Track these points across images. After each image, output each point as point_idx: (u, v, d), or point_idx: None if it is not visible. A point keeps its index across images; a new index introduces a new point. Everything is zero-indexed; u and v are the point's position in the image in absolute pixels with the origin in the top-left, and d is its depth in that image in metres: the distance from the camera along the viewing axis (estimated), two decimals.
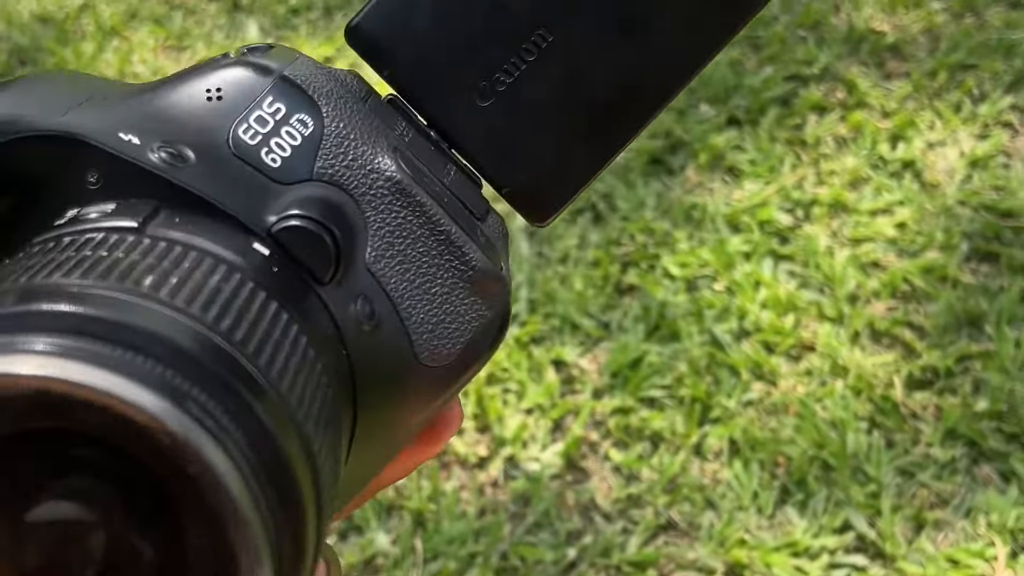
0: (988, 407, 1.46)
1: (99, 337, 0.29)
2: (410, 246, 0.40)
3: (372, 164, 0.39)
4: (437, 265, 0.40)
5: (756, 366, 1.53)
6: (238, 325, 0.32)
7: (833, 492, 1.41)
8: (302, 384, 0.33)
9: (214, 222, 0.36)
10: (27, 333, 0.28)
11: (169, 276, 0.32)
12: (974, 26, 1.90)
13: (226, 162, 0.38)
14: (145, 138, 0.37)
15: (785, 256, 1.65)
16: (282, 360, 0.32)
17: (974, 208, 1.67)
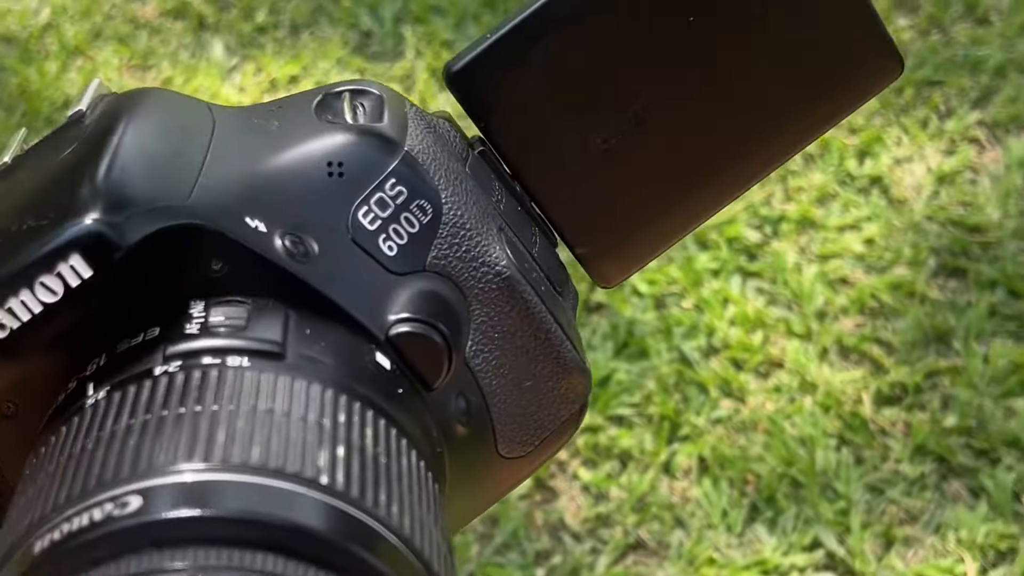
0: (957, 423, 1.45)
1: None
2: (508, 341, 0.38)
3: (484, 257, 0.38)
4: (533, 361, 0.39)
5: (725, 383, 1.53)
6: (387, 495, 0.30)
7: (802, 509, 1.40)
8: (431, 526, 0.31)
9: (337, 328, 0.35)
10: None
11: (329, 446, 0.30)
12: (940, 43, 1.91)
13: (346, 249, 0.36)
14: (270, 224, 0.35)
15: (753, 273, 1.64)
16: (411, 504, 0.31)
17: (941, 224, 1.67)
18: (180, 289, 0.34)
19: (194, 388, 0.31)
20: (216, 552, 0.27)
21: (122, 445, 0.29)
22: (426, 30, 1.99)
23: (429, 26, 1.99)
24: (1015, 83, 1.83)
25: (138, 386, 0.32)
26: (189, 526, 0.27)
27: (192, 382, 0.31)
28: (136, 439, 0.30)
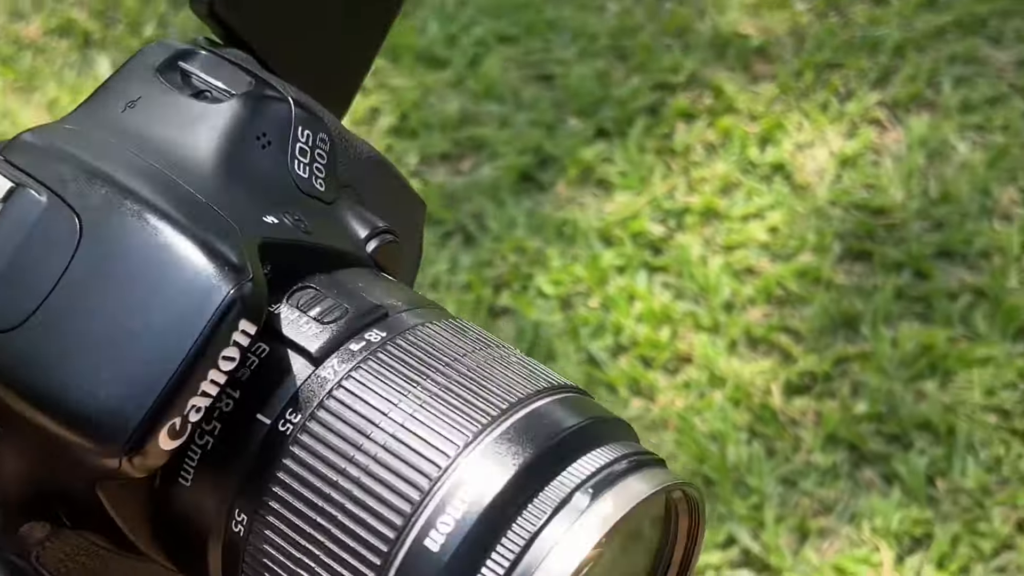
0: (867, 409, 1.44)
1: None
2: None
3: (358, 149, 0.42)
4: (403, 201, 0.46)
5: (634, 382, 1.50)
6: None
7: (716, 507, 1.38)
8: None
9: (354, 269, 0.40)
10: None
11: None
12: (838, 24, 1.89)
13: (306, 202, 0.40)
14: (275, 213, 0.39)
15: (659, 267, 1.62)
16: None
17: (845, 208, 1.65)
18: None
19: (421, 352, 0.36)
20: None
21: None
22: None
23: None
24: (914, 62, 1.82)
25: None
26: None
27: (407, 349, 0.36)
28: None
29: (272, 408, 0.36)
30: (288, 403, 0.36)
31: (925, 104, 1.78)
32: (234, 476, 0.35)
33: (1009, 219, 1.63)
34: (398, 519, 0.33)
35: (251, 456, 0.35)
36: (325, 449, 0.35)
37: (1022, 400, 1.44)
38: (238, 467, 0.36)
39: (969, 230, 1.60)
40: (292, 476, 0.35)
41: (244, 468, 0.35)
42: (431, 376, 0.36)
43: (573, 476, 0.34)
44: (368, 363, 0.36)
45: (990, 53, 1.84)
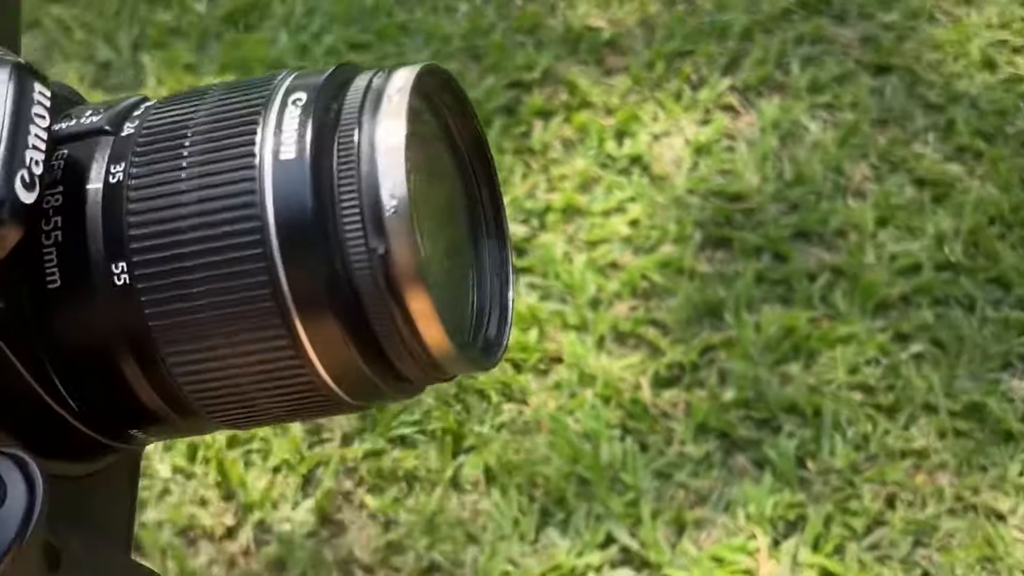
0: (735, 396, 1.45)
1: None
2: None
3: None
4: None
5: (505, 387, 1.49)
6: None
7: (592, 506, 1.38)
8: None
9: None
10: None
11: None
12: (686, 12, 1.91)
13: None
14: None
15: (524, 268, 1.61)
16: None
17: (703, 195, 1.66)
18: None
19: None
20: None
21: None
22: (166, 55, 1.91)
23: (169, 50, 1.91)
24: (762, 44, 1.84)
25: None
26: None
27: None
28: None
29: (98, 171, 0.38)
30: (109, 160, 0.38)
31: (775, 86, 1.80)
32: (95, 245, 0.37)
33: (862, 196, 1.65)
34: (248, 151, 0.36)
35: (98, 218, 0.37)
36: (157, 154, 0.37)
37: (885, 376, 1.47)
38: (93, 237, 0.37)
39: (824, 209, 1.63)
40: (142, 201, 0.37)
41: (99, 234, 0.37)
42: (207, 94, 0.39)
43: (362, 78, 0.38)
44: (153, 111, 0.39)
45: (836, 31, 1.87)
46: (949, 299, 1.53)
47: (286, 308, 0.36)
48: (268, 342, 0.37)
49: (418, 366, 0.38)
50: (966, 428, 1.42)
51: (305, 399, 0.38)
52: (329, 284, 0.36)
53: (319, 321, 0.36)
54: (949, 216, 1.61)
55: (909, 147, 1.70)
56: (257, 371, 0.37)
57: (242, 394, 0.38)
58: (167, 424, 0.40)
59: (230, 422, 0.40)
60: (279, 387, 0.38)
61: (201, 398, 0.38)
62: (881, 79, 1.79)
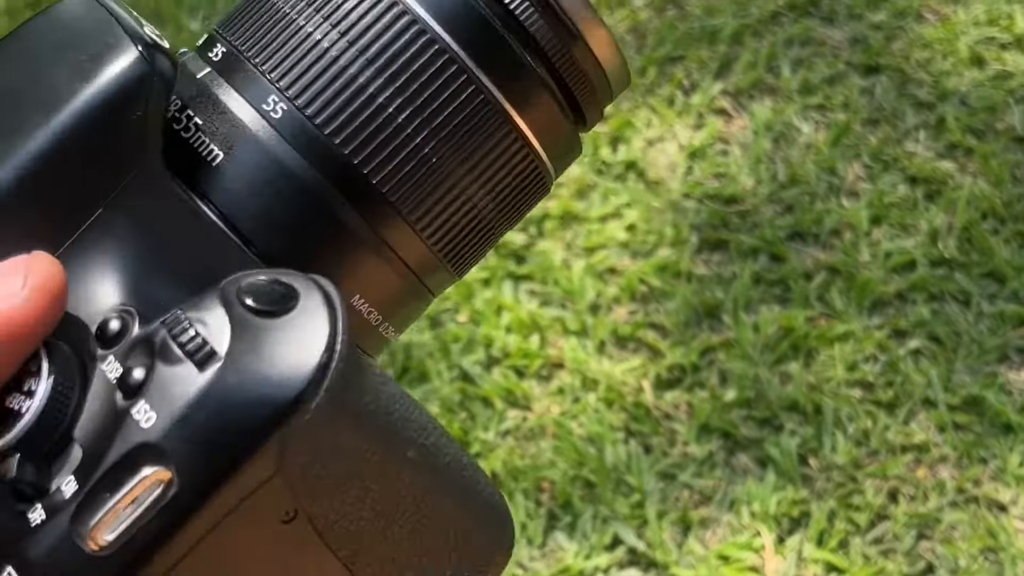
0: (736, 396, 1.47)
1: None
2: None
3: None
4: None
5: (508, 393, 1.51)
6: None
7: (599, 509, 1.40)
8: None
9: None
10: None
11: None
12: (677, 18, 1.93)
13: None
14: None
15: (523, 276, 1.63)
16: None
17: (698, 199, 1.68)
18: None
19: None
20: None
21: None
22: None
23: None
24: (752, 48, 1.86)
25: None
26: None
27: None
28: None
29: (200, 65, 0.38)
30: (205, 55, 0.38)
31: (767, 89, 1.82)
32: (238, 104, 0.37)
33: (856, 195, 1.67)
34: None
35: (225, 87, 0.37)
36: (258, 20, 0.37)
37: (884, 372, 1.48)
38: (231, 98, 0.37)
39: (819, 210, 1.65)
40: (267, 50, 0.37)
41: (236, 96, 0.37)
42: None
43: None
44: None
45: (825, 33, 1.88)
46: (945, 295, 1.55)
47: (505, 110, 0.36)
48: (503, 151, 0.37)
49: (596, 100, 0.39)
50: (965, 421, 1.44)
51: (525, 189, 0.38)
52: (521, 63, 0.36)
53: (533, 105, 0.37)
54: (942, 213, 1.63)
55: (901, 145, 1.72)
56: (494, 186, 0.37)
57: (481, 219, 0.38)
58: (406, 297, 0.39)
59: (467, 263, 0.39)
60: (509, 191, 0.38)
61: (448, 248, 0.38)
62: (871, 79, 1.81)
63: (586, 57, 0.37)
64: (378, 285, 0.38)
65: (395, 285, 0.38)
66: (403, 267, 0.38)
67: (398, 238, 0.37)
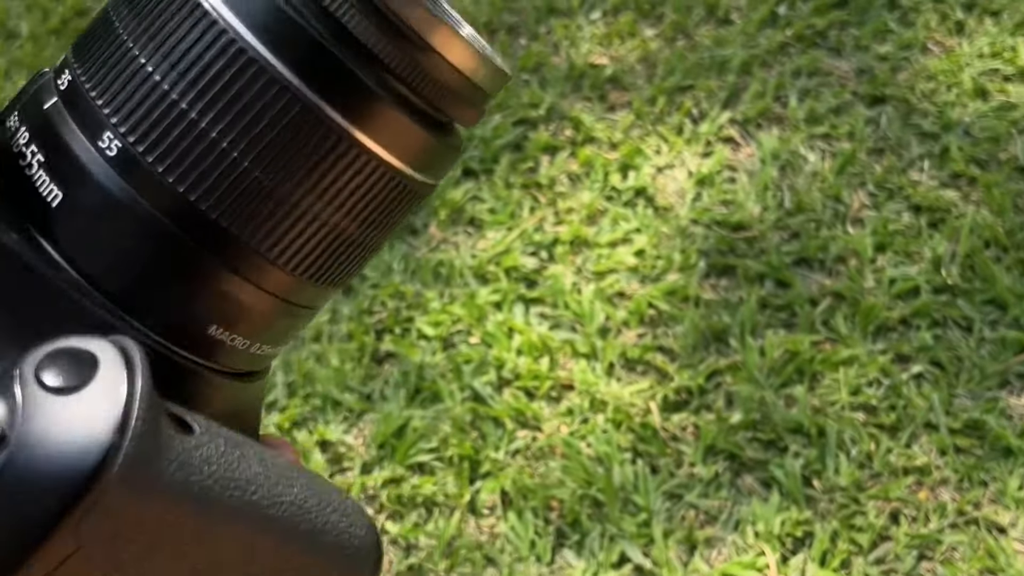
0: (742, 418, 1.50)
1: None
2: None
3: None
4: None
5: (519, 414, 1.54)
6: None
7: (606, 528, 1.42)
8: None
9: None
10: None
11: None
12: (686, 48, 1.97)
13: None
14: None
15: (534, 299, 1.67)
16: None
17: (706, 225, 1.72)
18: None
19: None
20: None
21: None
22: None
23: None
24: (760, 78, 1.90)
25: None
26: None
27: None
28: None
29: (48, 93, 0.37)
30: (54, 81, 0.37)
31: (774, 118, 1.85)
32: (77, 141, 0.35)
33: (861, 223, 1.71)
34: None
35: (67, 118, 0.36)
36: (97, 47, 0.36)
37: (886, 396, 1.51)
38: (72, 135, 0.36)
39: (824, 237, 1.68)
40: (102, 84, 0.36)
41: (76, 131, 0.35)
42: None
43: None
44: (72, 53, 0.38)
45: (832, 64, 1.92)
46: (947, 321, 1.58)
47: (342, 128, 0.35)
48: (347, 169, 0.35)
49: (461, 102, 0.37)
50: (966, 445, 1.47)
51: (388, 201, 0.37)
52: (346, 72, 0.35)
53: (376, 120, 0.35)
54: (945, 240, 1.67)
55: (905, 175, 1.75)
56: (348, 204, 0.36)
57: (342, 237, 0.37)
58: (258, 317, 0.37)
59: (340, 277, 0.38)
60: (367, 206, 0.36)
61: (312, 269, 0.37)
62: (877, 109, 1.85)
63: (437, 65, 0.35)
64: (236, 312, 0.36)
65: (257, 310, 0.37)
66: (263, 293, 0.36)
67: (251, 268, 0.36)
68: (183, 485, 0.32)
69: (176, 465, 0.32)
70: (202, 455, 0.32)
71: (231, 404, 0.38)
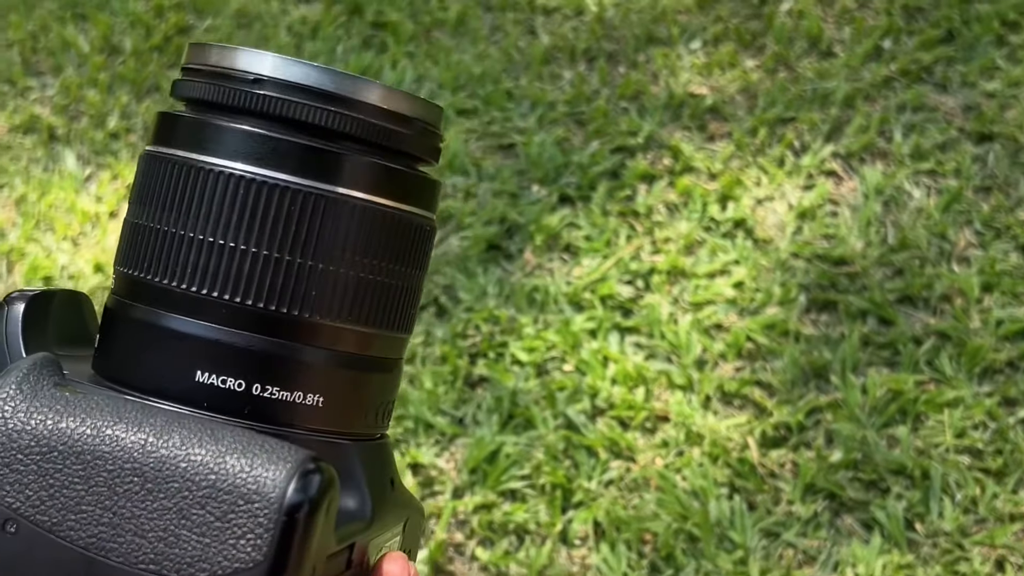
0: (843, 457, 1.46)
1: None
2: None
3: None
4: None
5: (613, 444, 1.52)
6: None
7: (701, 564, 1.40)
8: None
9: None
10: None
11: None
12: (788, 80, 1.94)
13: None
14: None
15: (630, 328, 1.65)
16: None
17: (807, 259, 1.69)
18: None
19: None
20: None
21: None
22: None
23: None
24: (864, 112, 1.87)
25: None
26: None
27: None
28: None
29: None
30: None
31: (878, 153, 1.82)
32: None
33: (967, 262, 1.67)
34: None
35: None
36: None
37: (993, 440, 1.47)
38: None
39: (929, 275, 1.64)
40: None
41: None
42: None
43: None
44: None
45: (937, 99, 1.89)
46: None
47: (355, 199, 0.44)
48: (375, 227, 0.44)
49: (422, 143, 0.45)
50: None
51: (414, 243, 0.45)
52: (333, 155, 0.44)
53: (370, 180, 0.44)
54: None
55: (1013, 214, 1.71)
56: (387, 258, 0.45)
57: (390, 286, 0.45)
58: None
59: (403, 321, 0.46)
60: (389, 249, 0.45)
61: (376, 319, 0.45)
62: (984, 147, 1.81)
63: (388, 119, 0.44)
64: (340, 387, 0.44)
65: (352, 376, 0.45)
66: (349, 356, 0.44)
67: (334, 338, 0.44)
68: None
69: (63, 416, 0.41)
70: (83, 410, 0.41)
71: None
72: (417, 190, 0.45)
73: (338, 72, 0.44)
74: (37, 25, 2.19)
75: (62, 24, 2.18)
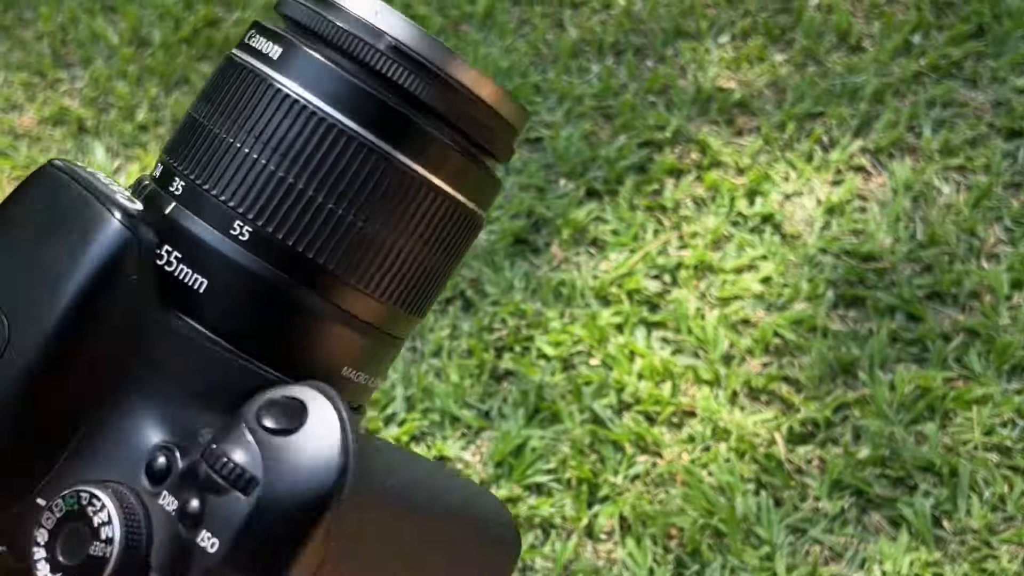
0: (870, 454, 1.46)
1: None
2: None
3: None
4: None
5: (639, 438, 1.52)
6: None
7: (727, 559, 1.40)
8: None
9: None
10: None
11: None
12: (817, 74, 1.93)
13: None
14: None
15: (656, 323, 1.64)
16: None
17: (836, 255, 1.68)
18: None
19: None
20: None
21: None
22: None
23: None
24: (893, 107, 1.86)
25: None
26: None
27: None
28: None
29: (165, 201, 0.44)
30: (167, 195, 0.44)
31: (907, 148, 1.81)
32: (207, 231, 0.43)
33: (996, 258, 1.66)
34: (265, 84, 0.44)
35: (188, 215, 0.43)
36: (193, 149, 0.44)
37: (1021, 437, 1.47)
38: (200, 227, 0.43)
39: (958, 271, 1.64)
40: (213, 176, 0.43)
41: (202, 224, 0.43)
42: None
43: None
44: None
45: (967, 95, 1.88)
46: None
47: (420, 175, 0.43)
48: (427, 207, 0.43)
49: (498, 139, 0.45)
50: None
51: (457, 232, 0.45)
52: (413, 126, 0.42)
53: (442, 163, 0.43)
54: None
55: None
56: (427, 237, 0.43)
57: (423, 267, 0.44)
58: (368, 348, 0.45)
59: (422, 304, 0.45)
60: (441, 238, 0.44)
61: (400, 297, 0.44)
62: (1014, 142, 1.80)
63: (478, 108, 0.44)
64: (355, 350, 0.44)
65: (367, 343, 0.44)
66: (371, 328, 0.44)
67: (359, 306, 0.43)
68: (384, 489, 0.41)
69: (380, 474, 0.41)
70: (386, 459, 0.42)
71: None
72: (480, 184, 0.45)
73: (446, 48, 0.43)
74: (67, 17, 2.20)
75: (91, 16, 2.19)
